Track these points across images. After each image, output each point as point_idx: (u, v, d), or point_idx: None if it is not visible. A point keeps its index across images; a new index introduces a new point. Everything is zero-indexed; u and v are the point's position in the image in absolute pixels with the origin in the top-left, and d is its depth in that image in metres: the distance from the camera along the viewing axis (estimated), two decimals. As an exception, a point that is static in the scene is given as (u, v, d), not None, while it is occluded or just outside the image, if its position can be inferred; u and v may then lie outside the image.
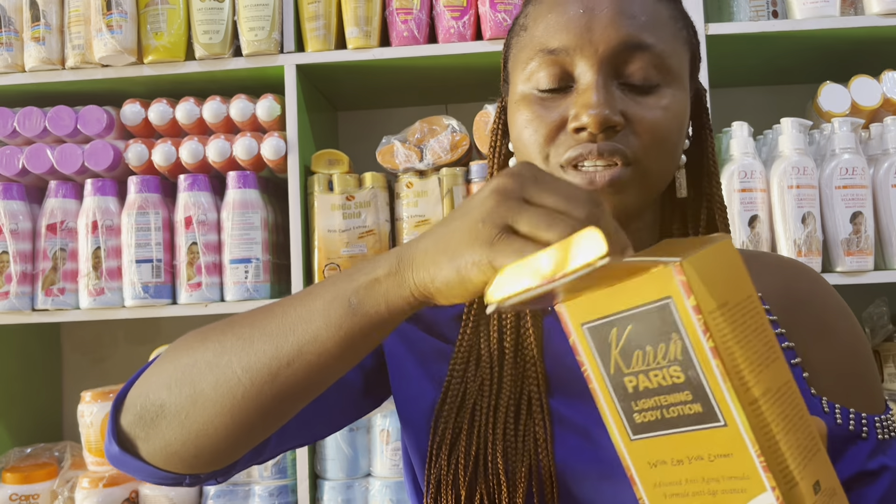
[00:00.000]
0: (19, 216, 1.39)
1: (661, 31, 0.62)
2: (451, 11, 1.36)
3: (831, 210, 1.30)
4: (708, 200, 0.68)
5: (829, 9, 1.34)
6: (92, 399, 1.37)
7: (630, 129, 0.60)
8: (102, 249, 1.36)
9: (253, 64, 1.38)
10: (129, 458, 0.57)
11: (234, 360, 0.54)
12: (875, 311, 1.42)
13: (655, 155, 0.61)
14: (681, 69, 0.64)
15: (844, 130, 1.31)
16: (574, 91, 0.62)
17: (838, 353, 0.66)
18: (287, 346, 0.52)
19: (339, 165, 1.41)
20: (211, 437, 0.55)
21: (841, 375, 0.65)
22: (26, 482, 1.38)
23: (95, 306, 1.35)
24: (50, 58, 1.39)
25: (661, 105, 0.61)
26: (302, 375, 0.52)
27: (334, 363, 0.52)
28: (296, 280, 1.35)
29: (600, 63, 0.60)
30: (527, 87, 0.64)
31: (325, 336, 0.51)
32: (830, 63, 1.49)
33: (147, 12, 1.37)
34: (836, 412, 0.63)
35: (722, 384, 0.39)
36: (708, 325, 0.38)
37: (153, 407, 0.56)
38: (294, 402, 0.55)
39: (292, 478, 1.35)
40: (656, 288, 0.39)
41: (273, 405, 0.54)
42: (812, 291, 0.69)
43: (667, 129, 0.61)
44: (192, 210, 1.36)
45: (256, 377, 0.53)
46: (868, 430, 0.64)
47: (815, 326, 0.66)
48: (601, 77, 0.60)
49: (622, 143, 0.60)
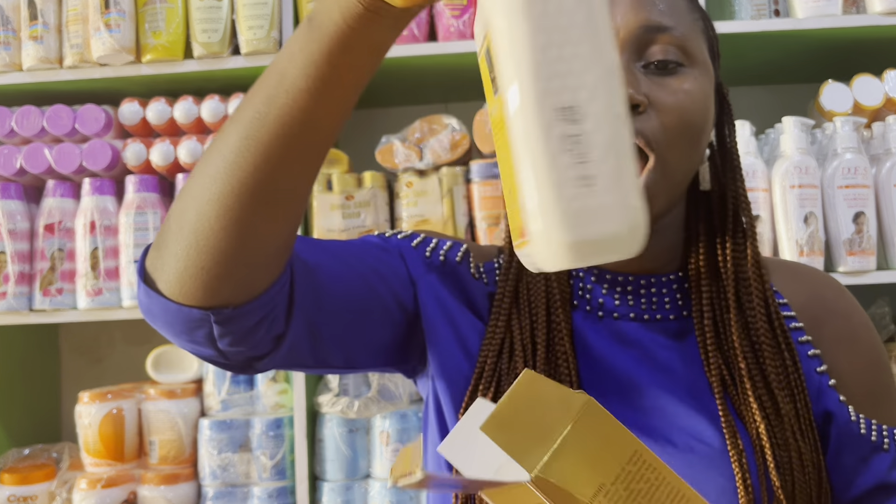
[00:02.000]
0: (17, 216, 1.38)
1: (679, 17, 0.62)
2: (452, 10, 1.36)
3: (833, 210, 1.30)
4: (734, 196, 0.67)
5: (831, 8, 1.33)
6: (90, 400, 1.36)
7: (653, 109, 0.59)
8: (100, 249, 1.35)
9: (252, 63, 1.37)
10: (154, 296, 0.53)
11: (218, 142, 0.50)
12: (877, 311, 1.42)
13: (678, 139, 0.60)
14: (702, 55, 0.63)
15: (847, 130, 1.31)
16: None
17: (863, 363, 0.67)
18: (258, 101, 0.48)
19: (339, 165, 1.40)
20: (212, 238, 0.50)
21: (865, 386, 0.66)
22: (24, 483, 1.38)
23: (93, 307, 1.35)
24: (48, 57, 1.38)
25: (685, 87, 0.61)
26: (278, 128, 0.48)
27: (308, 103, 0.48)
28: (295, 280, 1.34)
29: (621, 45, 0.60)
30: None
31: (291, 72, 0.47)
32: (832, 62, 1.48)
33: (145, 11, 1.37)
34: (860, 422, 0.64)
35: None
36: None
37: (162, 229, 0.53)
38: (283, 171, 0.50)
39: (291, 479, 1.34)
40: (534, 499, 0.38)
41: (261, 178, 0.49)
42: (838, 301, 0.69)
43: (691, 112, 0.60)
44: (190, 210, 1.35)
45: (234, 146, 0.49)
46: (889, 441, 0.64)
47: (841, 336, 0.67)
48: (623, 59, 0.60)
49: (645, 126, 0.59)
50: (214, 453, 1.33)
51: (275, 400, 1.37)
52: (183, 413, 1.36)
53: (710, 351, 0.63)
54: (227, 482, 1.34)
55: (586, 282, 0.68)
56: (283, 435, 1.34)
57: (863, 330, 0.68)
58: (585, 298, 0.67)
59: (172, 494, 1.33)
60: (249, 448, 1.34)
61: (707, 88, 0.63)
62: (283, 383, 1.38)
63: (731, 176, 0.68)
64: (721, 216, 0.67)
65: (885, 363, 0.68)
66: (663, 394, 0.63)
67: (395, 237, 0.70)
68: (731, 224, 0.67)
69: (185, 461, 1.36)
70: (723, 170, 0.68)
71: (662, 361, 0.64)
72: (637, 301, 0.67)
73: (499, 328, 0.65)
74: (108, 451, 1.35)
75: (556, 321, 0.65)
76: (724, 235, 0.66)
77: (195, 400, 1.39)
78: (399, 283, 0.66)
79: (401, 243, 0.69)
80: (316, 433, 1.36)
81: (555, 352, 0.64)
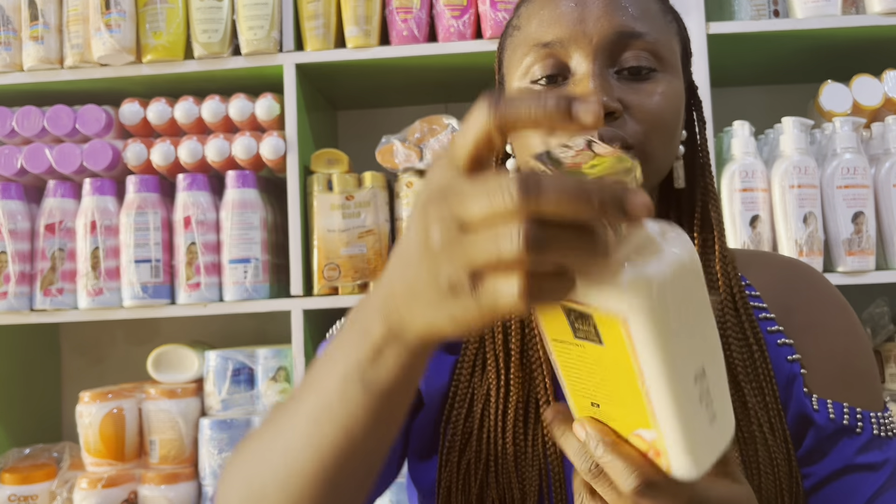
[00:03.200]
0: (18, 216, 1.38)
1: (652, 22, 0.63)
2: (451, 10, 1.36)
3: (833, 210, 1.30)
4: (703, 192, 0.68)
5: (831, 8, 1.33)
6: (91, 399, 1.36)
7: (628, 115, 0.61)
8: (101, 249, 1.35)
9: (252, 63, 1.37)
10: None
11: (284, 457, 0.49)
12: (876, 311, 1.42)
13: (655, 139, 0.61)
14: (674, 58, 0.64)
15: (846, 130, 1.31)
16: (570, 83, 0.62)
17: (835, 349, 0.67)
18: (322, 452, 0.47)
19: (339, 165, 1.41)
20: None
21: (838, 372, 0.66)
22: (25, 483, 1.38)
23: (94, 306, 1.35)
24: (48, 57, 1.39)
25: (658, 91, 0.62)
26: (347, 467, 0.48)
27: (373, 437, 0.48)
28: (295, 280, 1.34)
29: (595, 53, 0.61)
30: (522, 82, 0.64)
31: (353, 426, 0.46)
32: (832, 62, 1.48)
33: (146, 11, 1.37)
34: (828, 407, 0.64)
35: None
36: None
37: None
38: (354, 487, 0.50)
39: (292, 478, 1.35)
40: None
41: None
42: (810, 289, 0.70)
43: (665, 114, 0.62)
44: (190, 210, 1.35)
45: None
46: (863, 424, 0.64)
47: (812, 324, 0.67)
48: (596, 66, 0.61)
49: (622, 129, 0.60)
50: (215, 453, 1.33)
51: (275, 399, 1.37)
52: (183, 413, 1.37)
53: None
54: (228, 482, 1.34)
55: None
56: (284, 434, 1.34)
57: (835, 315, 0.69)
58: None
59: (173, 494, 1.33)
60: (250, 447, 1.34)
61: (678, 90, 0.64)
62: (283, 383, 1.38)
63: (701, 172, 0.69)
64: (689, 211, 0.68)
65: (861, 347, 0.68)
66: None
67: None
68: (700, 219, 0.68)
69: (185, 461, 1.37)
70: (692, 166, 0.69)
71: None
72: None
73: (472, 341, 0.66)
74: (108, 451, 1.35)
75: (529, 327, 0.65)
76: (692, 230, 0.68)
77: (196, 399, 1.39)
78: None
79: None
80: (316, 433, 1.36)
81: (529, 358, 0.65)
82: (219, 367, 1.37)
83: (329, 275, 1.35)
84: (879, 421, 0.65)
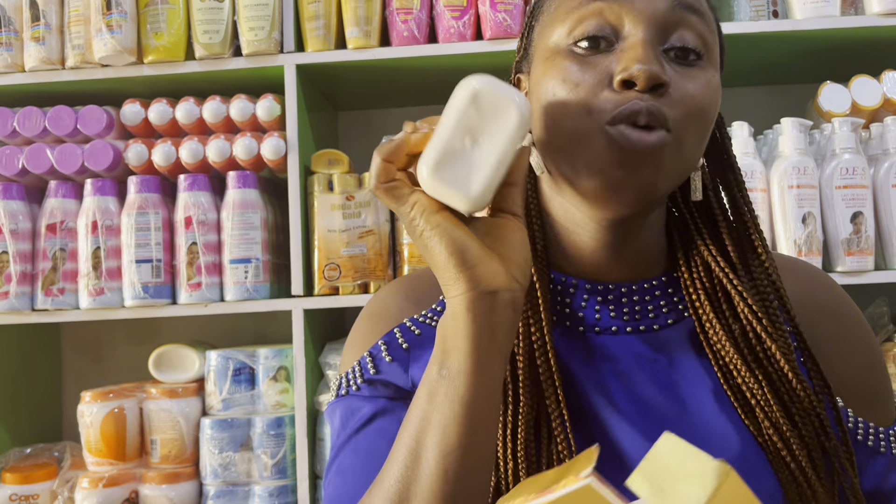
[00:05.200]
0: (19, 216, 1.38)
1: (705, 6, 0.61)
2: (452, 11, 1.36)
3: (832, 210, 1.30)
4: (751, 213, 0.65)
5: (830, 9, 1.34)
6: (92, 399, 1.37)
7: (672, 95, 0.57)
8: (102, 249, 1.36)
9: (253, 64, 1.37)
10: None
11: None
12: (875, 311, 1.42)
13: (692, 127, 0.58)
14: (716, 54, 0.62)
15: (845, 130, 1.31)
16: (618, 49, 0.58)
17: (858, 364, 0.65)
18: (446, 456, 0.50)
19: (339, 165, 1.41)
20: None
21: (861, 386, 0.65)
22: (26, 482, 1.38)
23: (95, 306, 1.35)
24: (50, 58, 1.39)
25: (702, 80, 0.58)
26: (470, 459, 0.50)
27: (477, 426, 0.50)
28: (296, 280, 1.35)
29: (649, 21, 0.57)
30: (565, 40, 0.60)
31: (452, 424, 0.50)
32: (831, 63, 1.49)
33: (147, 12, 1.37)
34: (859, 426, 0.63)
35: None
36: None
37: None
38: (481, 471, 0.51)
39: (292, 478, 1.35)
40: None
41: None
42: (831, 299, 0.68)
43: (705, 104, 0.58)
44: (191, 210, 1.36)
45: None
46: (885, 444, 0.63)
47: (834, 334, 0.65)
48: (649, 34, 0.57)
49: (665, 109, 0.56)
50: (216, 452, 1.34)
51: (276, 399, 1.38)
52: (184, 412, 1.37)
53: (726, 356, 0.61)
54: (229, 481, 1.34)
55: (565, 295, 0.64)
56: (285, 434, 1.35)
57: (856, 329, 0.67)
58: (565, 312, 0.64)
59: (174, 493, 1.34)
60: (251, 447, 1.35)
61: (718, 87, 0.61)
62: (284, 382, 1.38)
63: (738, 189, 0.66)
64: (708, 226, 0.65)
65: (880, 363, 0.67)
66: (683, 414, 0.60)
67: (356, 386, 0.67)
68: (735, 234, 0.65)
69: (186, 460, 1.37)
70: (715, 178, 0.67)
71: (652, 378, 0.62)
72: (619, 310, 0.64)
73: None
74: (109, 450, 1.36)
75: (536, 338, 0.61)
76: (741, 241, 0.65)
77: (196, 399, 1.40)
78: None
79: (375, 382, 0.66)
80: (317, 432, 1.36)
81: (537, 375, 0.61)
82: (220, 366, 1.38)
83: (329, 275, 1.36)
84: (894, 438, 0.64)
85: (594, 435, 0.60)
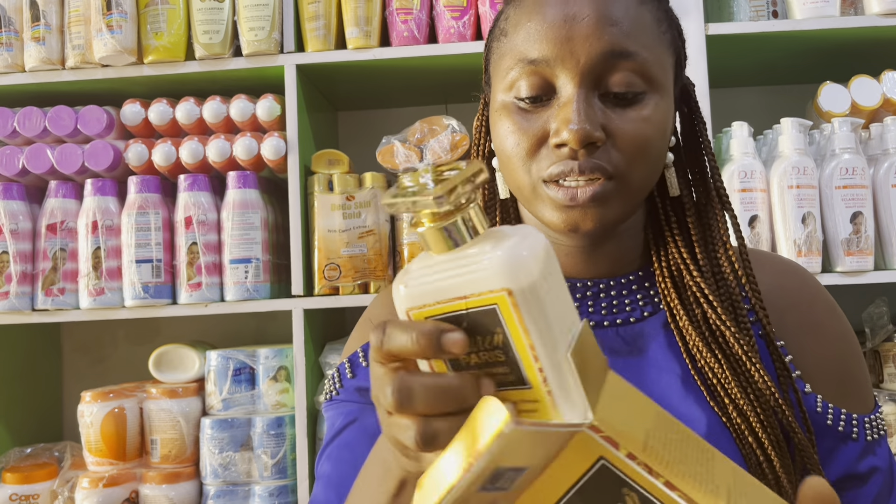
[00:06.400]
0: (19, 216, 1.39)
1: (644, 38, 0.61)
2: (451, 11, 1.37)
3: (831, 210, 1.30)
4: (720, 198, 0.68)
5: (829, 9, 1.34)
6: (92, 399, 1.37)
7: (612, 143, 0.60)
8: (102, 249, 1.36)
9: (253, 64, 1.38)
10: None
11: None
12: (875, 311, 1.42)
13: (637, 167, 0.61)
14: (664, 76, 0.63)
15: (844, 130, 1.31)
16: (555, 103, 0.61)
17: (828, 351, 0.66)
18: None
19: (339, 165, 1.41)
20: None
21: (831, 374, 0.66)
22: (26, 482, 1.39)
23: (95, 306, 1.35)
24: (50, 58, 1.39)
25: (643, 116, 0.60)
26: None
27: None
28: (296, 280, 1.35)
29: (581, 75, 0.59)
30: (508, 96, 0.63)
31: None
32: (830, 63, 1.49)
33: (147, 12, 1.37)
34: (828, 411, 0.64)
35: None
36: (649, 463, 0.37)
37: None
38: None
39: (292, 478, 1.35)
40: (585, 455, 0.37)
41: None
42: (801, 290, 0.69)
43: (649, 141, 0.61)
44: (192, 210, 1.36)
45: None
46: (858, 430, 0.64)
47: (805, 325, 0.67)
48: (582, 90, 0.59)
49: (603, 159, 0.59)
50: (216, 452, 1.34)
51: (276, 399, 1.38)
52: (184, 412, 1.37)
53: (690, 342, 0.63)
54: (229, 481, 1.34)
55: None
56: (285, 434, 1.35)
57: (828, 318, 0.68)
58: None
59: (174, 493, 1.34)
60: (251, 447, 1.35)
61: (666, 112, 0.63)
62: (284, 382, 1.38)
63: (711, 177, 0.68)
64: (694, 216, 0.67)
65: (853, 351, 0.68)
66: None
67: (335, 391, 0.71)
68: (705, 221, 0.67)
69: (186, 460, 1.37)
70: (699, 172, 0.69)
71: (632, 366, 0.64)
72: (597, 305, 0.67)
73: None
74: (109, 450, 1.36)
75: None
76: (701, 234, 0.67)
77: (197, 399, 1.40)
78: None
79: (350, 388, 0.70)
80: (317, 432, 1.36)
81: None
82: (220, 366, 1.38)
83: (329, 275, 1.36)
84: (871, 424, 0.65)
85: None
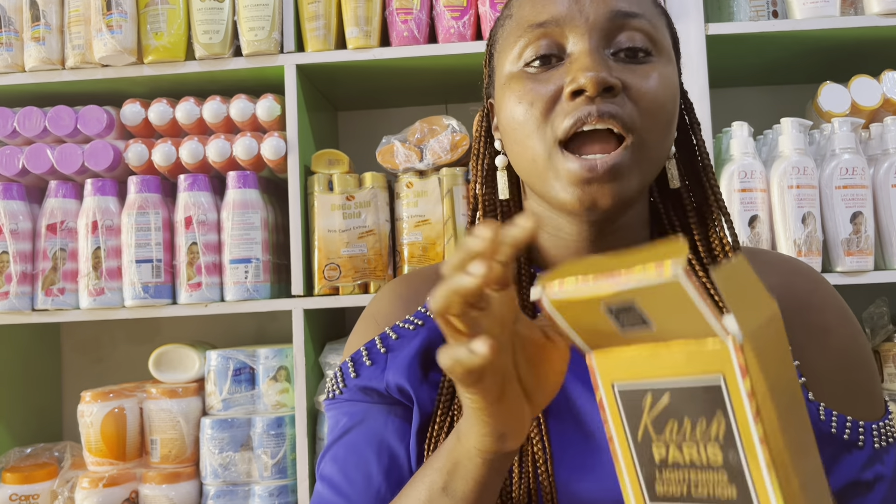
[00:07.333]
0: (19, 216, 1.38)
1: (646, 7, 0.63)
2: (451, 11, 1.36)
3: (831, 210, 1.30)
4: (715, 196, 0.67)
5: (829, 9, 1.34)
6: (92, 399, 1.37)
7: (626, 95, 0.59)
8: (102, 249, 1.36)
9: (253, 64, 1.38)
10: None
11: None
12: (875, 311, 1.42)
13: (653, 124, 0.60)
14: (667, 45, 0.64)
15: (844, 130, 1.31)
16: (566, 62, 0.61)
17: (837, 356, 0.65)
18: None
19: (339, 165, 1.41)
20: None
21: (839, 380, 0.64)
22: (26, 482, 1.38)
23: (95, 306, 1.35)
24: (50, 58, 1.39)
25: (655, 74, 0.61)
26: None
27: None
28: (296, 280, 1.35)
29: (591, 31, 0.60)
30: (516, 66, 0.63)
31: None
32: (830, 63, 1.49)
33: (147, 12, 1.37)
34: (832, 420, 0.62)
35: (766, 474, 0.36)
36: (760, 411, 0.35)
37: None
38: None
39: (292, 478, 1.35)
40: (708, 362, 0.36)
41: None
42: (811, 293, 0.67)
43: (662, 98, 0.60)
44: (192, 210, 1.36)
45: None
46: (865, 438, 0.62)
47: (813, 328, 0.65)
48: (592, 44, 0.60)
49: (620, 107, 0.59)
50: (216, 452, 1.34)
51: (276, 399, 1.38)
52: (184, 412, 1.37)
53: None
54: (229, 481, 1.34)
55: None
56: (285, 434, 1.35)
57: (837, 322, 0.66)
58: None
59: (174, 493, 1.34)
60: (251, 447, 1.35)
61: (674, 77, 0.63)
62: (284, 382, 1.38)
63: (705, 175, 0.68)
64: (692, 212, 0.67)
65: (863, 357, 0.66)
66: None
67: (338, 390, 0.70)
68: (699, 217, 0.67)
69: (186, 460, 1.37)
70: (691, 167, 0.69)
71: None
72: None
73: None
74: (109, 450, 1.36)
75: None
76: (702, 231, 0.67)
77: (197, 399, 1.40)
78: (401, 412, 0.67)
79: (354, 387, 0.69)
80: (317, 432, 1.36)
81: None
82: (220, 366, 1.38)
83: (329, 275, 1.36)
84: (880, 432, 0.63)
85: (572, 422, 0.62)
